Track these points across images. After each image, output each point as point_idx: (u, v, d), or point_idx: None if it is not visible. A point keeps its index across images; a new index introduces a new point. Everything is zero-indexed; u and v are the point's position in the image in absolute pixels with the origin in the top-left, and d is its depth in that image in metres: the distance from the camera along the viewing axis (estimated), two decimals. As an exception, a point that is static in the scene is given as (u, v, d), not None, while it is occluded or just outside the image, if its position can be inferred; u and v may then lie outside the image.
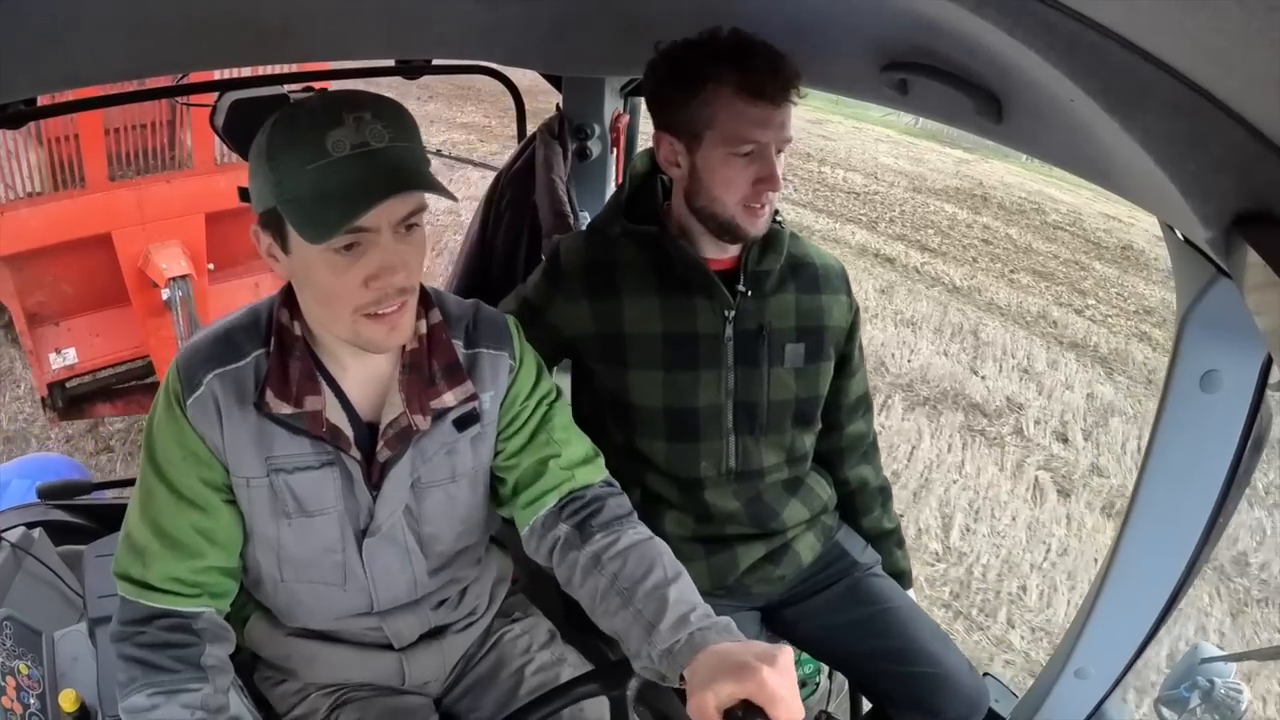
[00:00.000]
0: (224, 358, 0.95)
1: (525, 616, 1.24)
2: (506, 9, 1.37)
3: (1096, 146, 0.75)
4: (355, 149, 0.82)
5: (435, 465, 1.03)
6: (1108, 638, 1.13)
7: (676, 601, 0.89)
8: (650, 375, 1.28)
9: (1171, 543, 1.03)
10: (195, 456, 0.95)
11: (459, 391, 1.01)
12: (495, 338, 1.06)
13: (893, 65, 1.02)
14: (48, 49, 0.93)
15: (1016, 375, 5.58)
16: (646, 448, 1.33)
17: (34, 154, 3.39)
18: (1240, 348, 0.90)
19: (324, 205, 0.82)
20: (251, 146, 0.88)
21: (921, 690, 1.35)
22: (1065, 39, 0.59)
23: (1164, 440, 0.98)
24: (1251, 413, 0.93)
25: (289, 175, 0.83)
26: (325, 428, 0.95)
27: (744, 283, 1.27)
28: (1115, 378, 5.67)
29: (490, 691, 1.16)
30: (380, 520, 1.01)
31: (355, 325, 0.90)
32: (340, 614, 1.08)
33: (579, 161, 1.84)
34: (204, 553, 0.96)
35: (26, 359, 3.89)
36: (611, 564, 0.96)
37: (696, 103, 1.14)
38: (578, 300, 1.29)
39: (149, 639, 0.94)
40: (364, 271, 0.86)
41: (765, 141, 1.14)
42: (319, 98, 0.86)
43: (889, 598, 1.43)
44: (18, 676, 1.09)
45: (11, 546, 1.40)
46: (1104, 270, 7.68)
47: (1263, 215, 0.56)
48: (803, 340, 1.33)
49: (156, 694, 0.92)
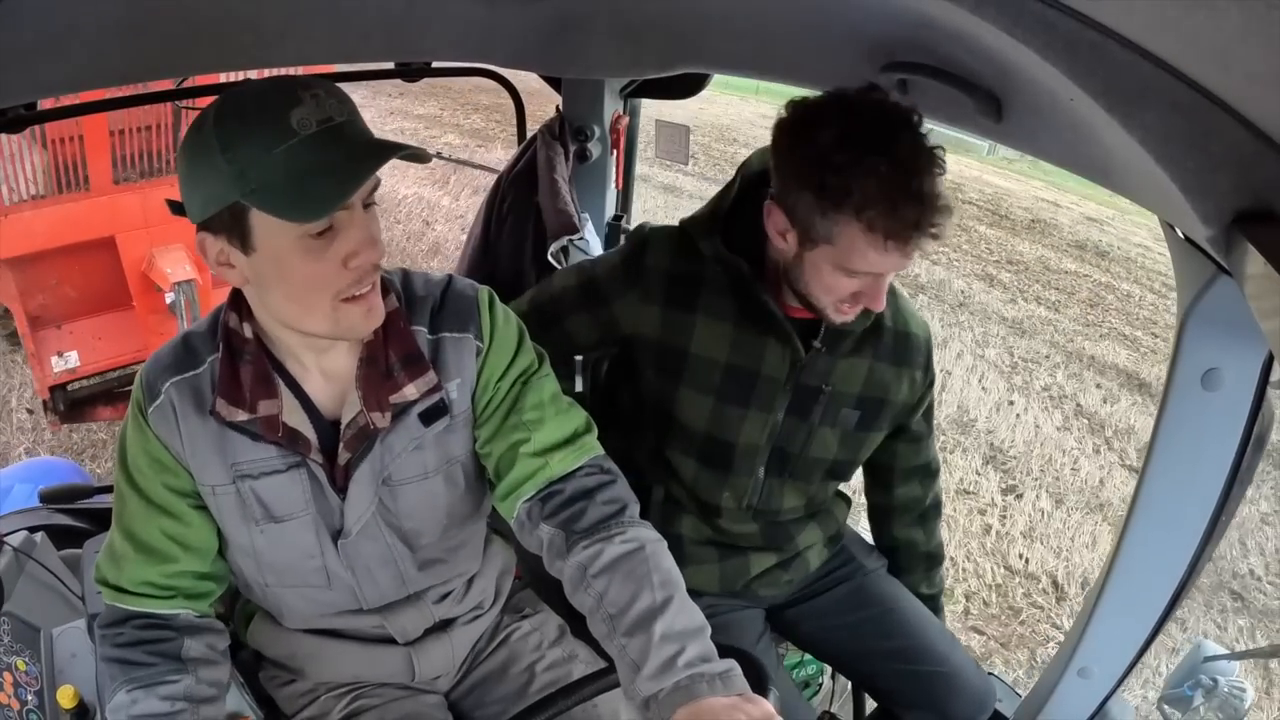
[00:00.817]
0: (182, 365, 0.93)
1: (535, 613, 1.22)
2: (506, 11, 1.37)
3: (1096, 145, 0.75)
4: (321, 125, 0.79)
5: (405, 462, 0.98)
6: (1111, 636, 1.13)
7: (663, 639, 0.82)
8: (701, 399, 1.25)
9: (1174, 541, 1.03)
10: (160, 464, 0.94)
11: (420, 384, 0.95)
12: (459, 319, 0.99)
13: (892, 65, 1.02)
14: (48, 53, 0.93)
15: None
16: (677, 461, 1.31)
17: (38, 157, 3.40)
18: (1241, 345, 0.90)
19: (306, 185, 0.78)
20: (185, 148, 0.82)
21: (929, 689, 1.35)
22: (1064, 38, 0.59)
23: (1166, 438, 0.98)
24: (1253, 410, 0.93)
25: (254, 163, 0.78)
26: (281, 432, 0.92)
27: (821, 339, 1.22)
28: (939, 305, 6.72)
29: (500, 688, 1.14)
30: (350, 523, 0.98)
31: (335, 312, 0.86)
32: (331, 613, 1.07)
33: (579, 163, 1.84)
34: (176, 558, 0.96)
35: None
36: (597, 582, 0.89)
37: (826, 215, 1.03)
38: (652, 303, 1.23)
39: (125, 638, 0.94)
40: (342, 250, 0.83)
41: (881, 273, 1.08)
42: (252, 85, 0.82)
43: (894, 598, 1.43)
44: (15, 672, 1.09)
45: (14, 550, 1.40)
46: (986, 232, 8.55)
47: (1263, 213, 0.56)
48: (861, 408, 1.29)
49: (135, 689, 0.92)
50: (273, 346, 0.94)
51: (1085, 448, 4.90)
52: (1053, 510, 4.25)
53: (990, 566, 3.83)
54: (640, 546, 0.91)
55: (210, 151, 0.79)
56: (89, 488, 1.90)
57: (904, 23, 0.92)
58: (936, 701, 1.35)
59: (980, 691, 1.36)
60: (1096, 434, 5.09)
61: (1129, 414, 5.34)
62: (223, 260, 0.85)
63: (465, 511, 1.07)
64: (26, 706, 1.08)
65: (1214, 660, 1.11)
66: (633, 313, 1.25)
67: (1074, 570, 3.80)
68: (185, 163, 0.83)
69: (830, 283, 1.10)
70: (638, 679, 0.81)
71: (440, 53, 1.55)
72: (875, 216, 0.99)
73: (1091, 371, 5.90)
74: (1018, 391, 5.47)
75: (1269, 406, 0.94)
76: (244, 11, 1.10)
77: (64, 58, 0.97)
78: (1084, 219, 9.58)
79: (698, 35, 1.35)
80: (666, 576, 0.88)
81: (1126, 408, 5.42)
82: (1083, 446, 4.91)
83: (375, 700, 1.08)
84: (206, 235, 0.84)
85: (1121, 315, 7.07)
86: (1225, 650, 1.12)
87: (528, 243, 1.80)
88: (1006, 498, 4.34)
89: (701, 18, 1.23)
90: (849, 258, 1.05)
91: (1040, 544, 3.98)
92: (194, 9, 1.03)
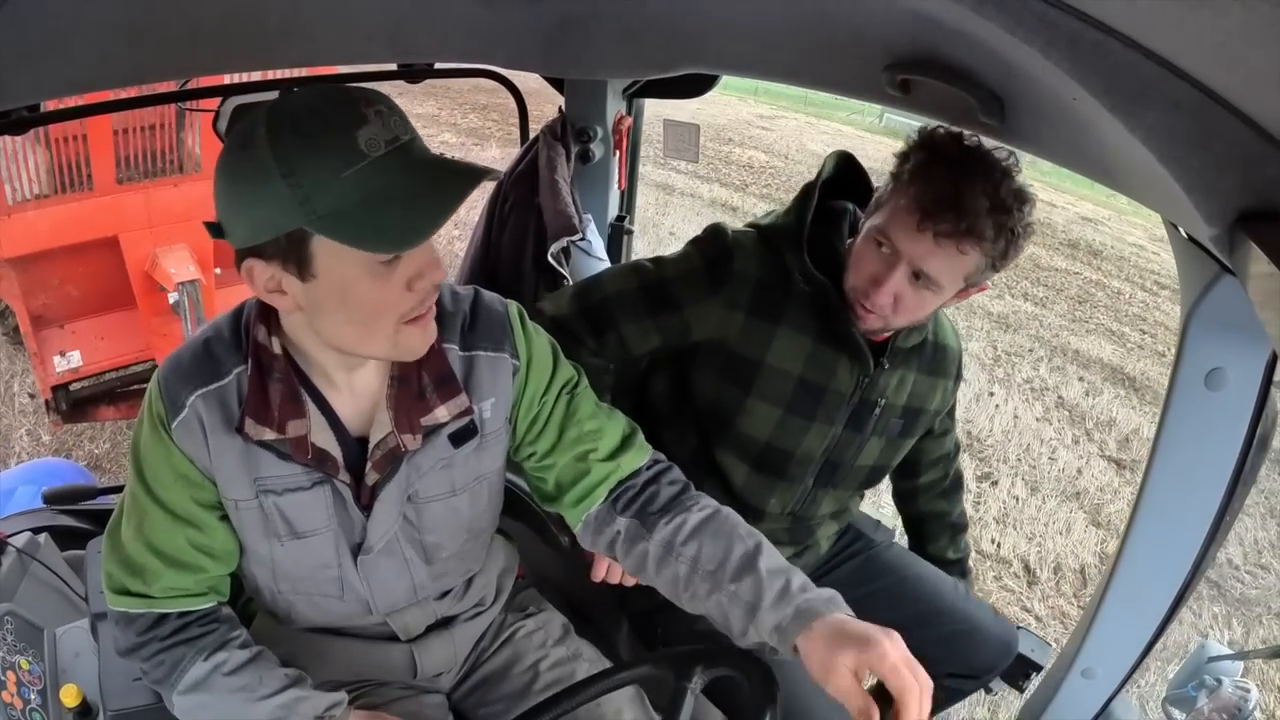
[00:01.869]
0: (206, 376, 0.89)
1: (538, 611, 1.22)
2: (508, 12, 1.37)
3: (1099, 145, 0.75)
4: (390, 146, 0.74)
5: (431, 480, 0.98)
6: (1115, 637, 1.13)
7: (770, 574, 0.87)
8: (769, 410, 1.26)
9: (1177, 541, 1.03)
10: (186, 479, 0.92)
11: (452, 405, 0.94)
12: (493, 336, 0.97)
13: (895, 65, 1.01)
14: (50, 54, 0.93)
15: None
16: (728, 465, 1.31)
17: (41, 156, 3.40)
18: (1245, 345, 0.89)
19: (386, 212, 0.73)
20: (230, 168, 0.76)
21: (950, 648, 1.37)
22: (1066, 37, 0.58)
23: (1169, 438, 0.98)
24: (1257, 410, 0.93)
25: (321, 188, 0.73)
26: (310, 454, 0.90)
27: (888, 355, 1.25)
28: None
29: (503, 687, 1.14)
30: (373, 540, 0.98)
31: (398, 335, 0.83)
32: (339, 620, 1.07)
33: (582, 164, 1.84)
34: (205, 567, 0.95)
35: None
36: (687, 549, 0.92)
37: (889, 190, 1.13)
38: (735, 309, 1.22)
39: (171, 628, 0.94)
40: (407, 274, 0.80)
41: (901, 251, 1.10)
42: (302, 97, 0.75)
43: (906, 565, 1.46)
44: (18, 671, 1.10)
45: (18, 552, 1.41)
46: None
47: (1267, 212, 0.56)
48: (904, 418, 1.33)
49: (213, 653, 0.93)
50: (302, 363, 0.92)
51: (1064, 438, 4.93)
52: (1028, 497, 4.28)
53: (963, 550, 3.88)
54: (717, 510, 0.97)
55: (265, 173, 0.73)
56: (92, 489, 1.90)
57: (907, 23, 0.92)
58: (960, 658, 1.37)
59: (1002, 639, 1.38)
60: (1077, 425, 5.12)
61: (1111, 406, 5.37)
62: (273, 287, 0.81)
63: (484, 524, 1.08)
64: (30, 705, 1.08)
65: (1218, 660, 1.11)
66: (711, 318, 1.23)
67: (1046, 555, 3.84)
68: (230, 183, 0.77)
69: (858, 253, 1.15)
70: (759, 614, 0.85)
71: (443, 54, 1.55)
72: (922, 194, 1.07)
73: (1075, 365, 5.95)
74: (999, 384, 5.50)
75: (1273, 406, 0.93)
76: (248, 13, 1.10)
77: (68, 59, 0.97)
78: (1079, 219, 9.67)
79: (700, 35, 1.34)
80: (748, 529, 0.95)
81: (1109, 400, 5.45)
82: (1061, 437, 4.94)
83: (376, 700, 1.09)
84: (256, 261, 0.79)
85: (1110, 312, 7.12)
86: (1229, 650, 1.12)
87: (529, 243, 1.80)
88: (982, 484, 4.37)
89: (704, 18, 1.23)
90: (886, 223, 1.10)
91: (1014, 530, 4.00)
92: (198, 11, 1.03)
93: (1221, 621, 3.45)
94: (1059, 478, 4.52)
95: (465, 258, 1.95)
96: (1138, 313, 7.17)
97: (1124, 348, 6.39)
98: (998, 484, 4.38)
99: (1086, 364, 5.99)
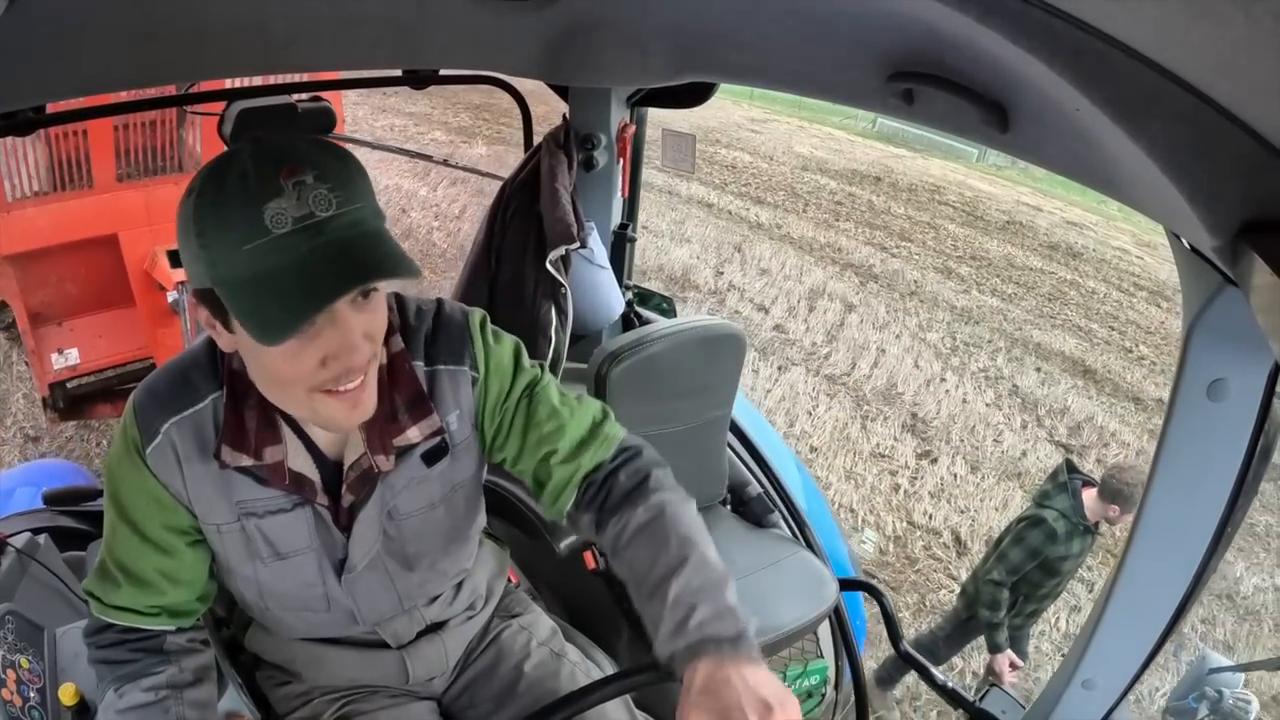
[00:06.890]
0: (181, 403, 0.89)
1: (526, 613, 1.23)
2: (513, 19, 1.38)
3: (1102, 155, 0.75)
4: (298, 223, 0.72)
5: (408, 497, 0.98)
6: (1115, 648, 1.12)
7: (676, 601, 0.80)
8: None
9: (1179, 552, 1.02)
10: (159, 503, 0.91)
11: (424, 426, 0.94)
12: (452, 349, 0.96)
13: (898, 75, 1.02)
14: (56, 57, 0.94)
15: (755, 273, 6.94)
16: None
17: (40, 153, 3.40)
18: (1248, 356, 0.89)
19: (268, 295, 0.72)
20: (178, 211, 0.77)
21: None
22: (1070, 48, 0.59)
23: (1171, 449, 0.97)
24: (1259, 421, 0.93)
25: (223, 256, 0.73)
26: (288, 479, 0.91)
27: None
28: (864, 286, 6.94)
29: (488, 687, 1.15)
30: (355, 559, 0.98)
31: (312, 403, 0.82)
32: (327, 632, 1.08)
33: (585, 172, 1.85)
34: (165, 591, 0.95)
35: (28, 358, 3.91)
36: (626, 553, 0.89)
37: None
38: None
39: (109, 640, 0.95)
40: (321, 352, 0.78)
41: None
42: (252, 151, 0.74)
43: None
44: (18, 670, 1.11)
45: (17, 552, 1.41)
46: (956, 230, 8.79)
47: (1269, 223, 0.56)
48: None
49: (121, 685, 0.92)
50: None
51: (1013, 423, 5.02)
52: (967, 475, 4.39)
53: (892, 520, 3.99)
54: (660, 511, 0.89)
55: (189, 229, 0.75)
56: (92, 490, 1.90)
57: (910, 32, 0.92)
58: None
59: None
60: (1028, 412, 5.21)
61: (1066, 396, 5.44)
62: (210, 325, 0.83)
63: (466, 528, 1.08)
64: (29, 703, 1.09)
65: (1219, 672, 1.11)
66: None
67: (979, 528, 3.94)
68: (178, 226, 0.78)
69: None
70: (657, 638, 0.81)
71: (447, 60, 1.56)
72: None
73: (1034, 357, 6.02)
74: (952, 371, 5.58)
75: (1275, 417, 0.93)
76: (252, 18, 1.10)
77: (73, 62, 0.97)
78: (1064, 223, 9.70)
79: (704, 44, 1.35)
80: (685, 535, 0.87)
81: (1065, 390, 5.53)
82: (1010, 422, 5.02)
83: (368, 706, 1.09)
84: (195, 300, 0.82)
85: (1081, 309, 7.16)
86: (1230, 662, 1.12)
87: (529, 250, 1.80)
88: (920, 461, 4.48)
89: (708, 27, 1.24)
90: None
91: (947, 503, 4.11)
92: (203, 15, 1.03)
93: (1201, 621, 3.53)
94: (1002, 459, 4.62)
95: (466, 263, 1.95)
96: (1110, 311, 7.18)
97: (1089, 342, 6.44)
98: (937, 462, 4.48)
99: (1047, 356, 6.05)
